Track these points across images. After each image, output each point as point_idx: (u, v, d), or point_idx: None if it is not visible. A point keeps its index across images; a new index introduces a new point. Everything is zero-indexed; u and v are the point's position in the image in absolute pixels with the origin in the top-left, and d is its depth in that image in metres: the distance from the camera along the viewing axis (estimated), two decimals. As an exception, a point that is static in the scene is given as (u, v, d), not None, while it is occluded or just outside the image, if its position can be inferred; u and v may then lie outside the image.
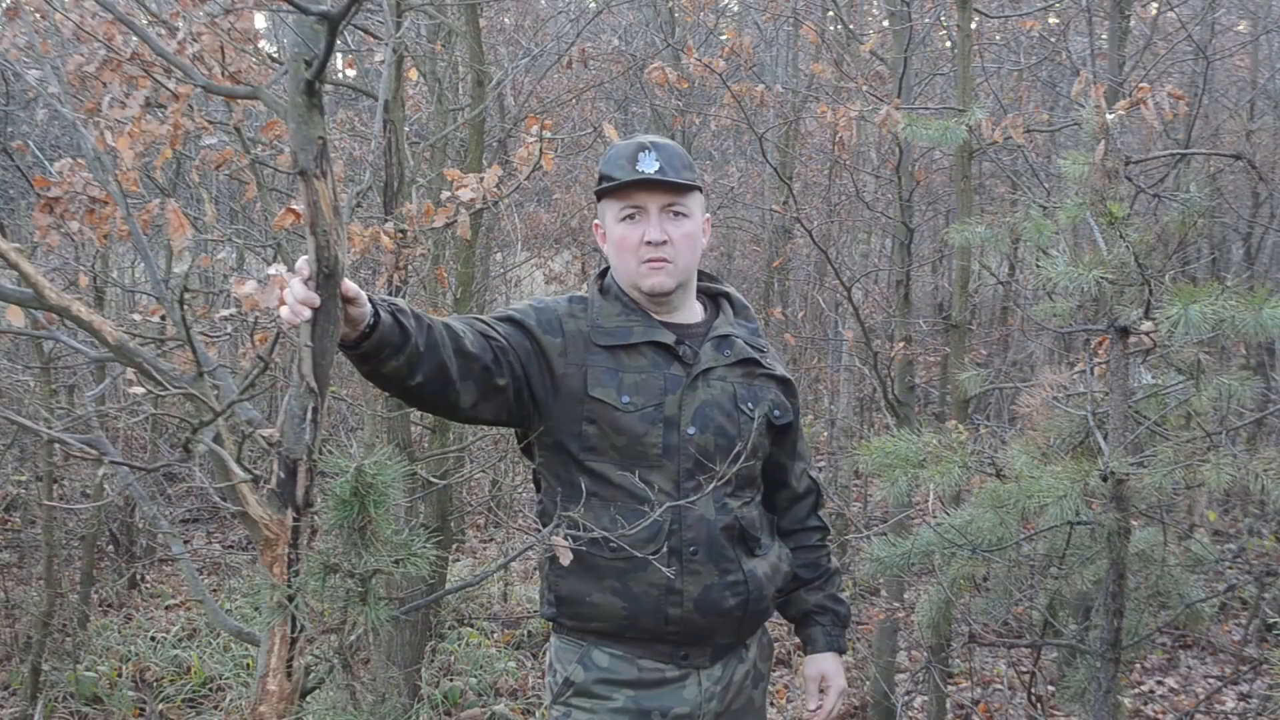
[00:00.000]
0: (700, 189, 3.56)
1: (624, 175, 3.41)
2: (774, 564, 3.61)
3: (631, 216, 3.44)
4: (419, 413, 7.50)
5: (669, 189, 3.43)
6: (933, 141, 4.80)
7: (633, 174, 3.40)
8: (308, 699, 3.06)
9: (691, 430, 3.39)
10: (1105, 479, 3.68)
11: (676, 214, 3.45)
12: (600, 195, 3.51)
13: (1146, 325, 3.68)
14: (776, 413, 3.59)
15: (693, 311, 3.59)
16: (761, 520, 3.61)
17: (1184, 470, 3.70)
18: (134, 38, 3.94)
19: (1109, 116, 3.95)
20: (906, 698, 7.01)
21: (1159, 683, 7.87)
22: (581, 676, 3.44)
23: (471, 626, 8.73)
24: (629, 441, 3.35)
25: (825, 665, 3.79)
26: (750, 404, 3.50)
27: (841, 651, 3.82)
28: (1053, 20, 9.41)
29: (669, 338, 3.44)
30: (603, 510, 3.32)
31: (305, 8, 2.49)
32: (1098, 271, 3.68)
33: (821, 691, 3.79)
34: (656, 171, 3.39)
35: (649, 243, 3.41)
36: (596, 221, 3.59)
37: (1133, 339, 3.81)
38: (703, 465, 3.36)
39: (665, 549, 3.34)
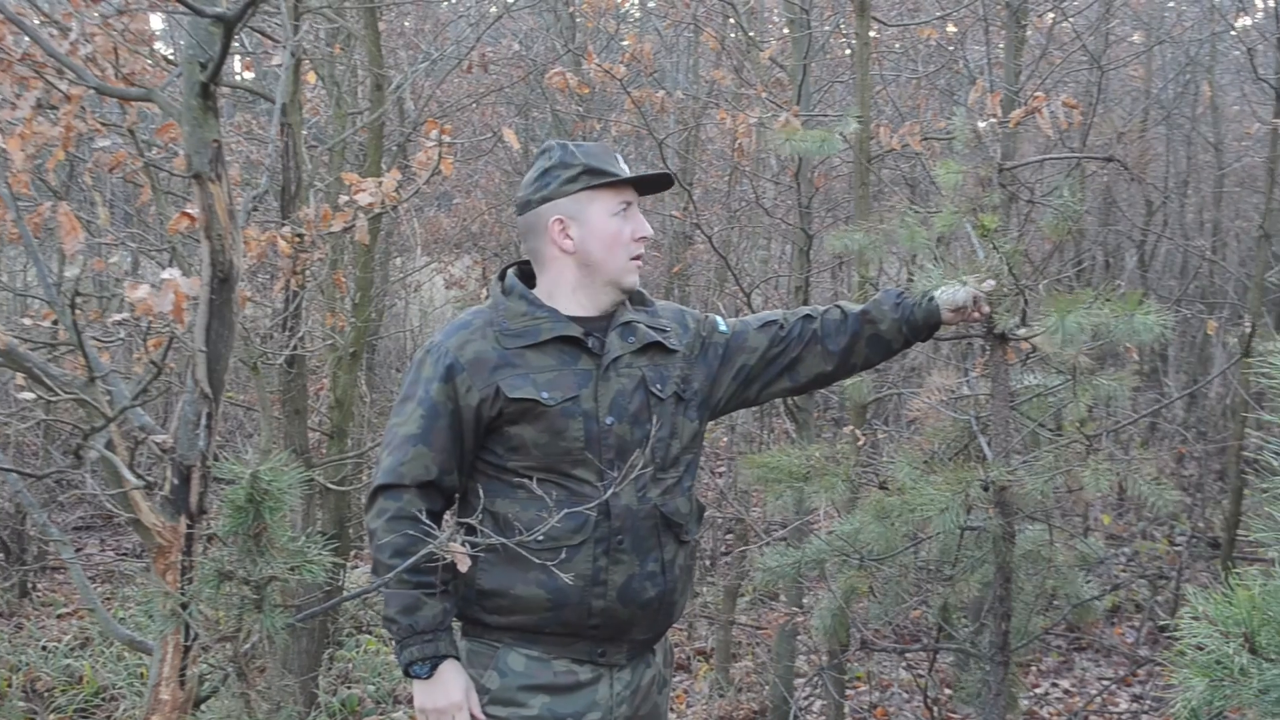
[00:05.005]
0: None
1: (619, 171, 3.48)
2: (689, 555, 3.66)
3: (623, 212, 3.50)
4: (316, 418, 7.45)
5: (639, 192, 3.57)
6: (810, 153, 4.83)
7: (625, 172, 3.50)
8: (201, 708, 3.03)
9: (610, 420, 3.42)
10: (986, 489, 3.72)
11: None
12: (585, 188, 3.49)
13: (1023, 332, 3.73)
14: (682, 387, 3.60)
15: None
16: (690, 507, 3.62)
17: (1064, 475, 3.75)
18: (25, 38, 3.89)
19: (981, 125, 4.00)
20: (805, 702, 7.04)
21: (1054, 684, 7.95)
22: (497, 683, 3.43)
23: (370, 633, 8.67)
24: (551, 438, 3.39)
25: (944, 297, 3.74)
26: (659, 385, 3.53)
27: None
28: (951, 29, 9.47)
29: (577, 330, 3.46)
30: (530, 503, 3.35)
31: (200, 9, 2.47)
32: (972, 280, 3.73)
33: (970, 306, 3.74)
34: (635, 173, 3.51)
35: (641, 239, 3.52)
36: (559, 216, 3.49)
37: (1011, 344, 3.86)
38: (624, 454, 3.39)
39: (592, 539, 3.38)
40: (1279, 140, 8.10)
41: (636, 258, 3.52)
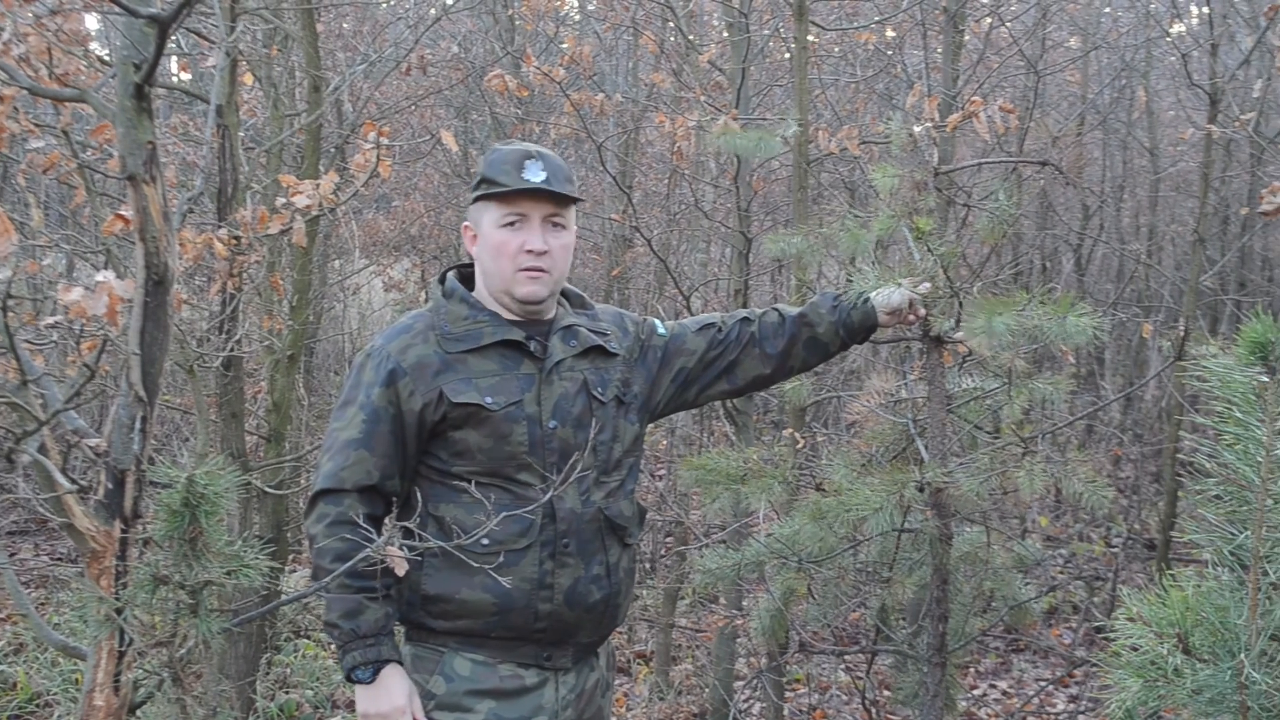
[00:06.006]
0: (580, 201, 3.62)
1: (511, 182, 3.43)
2: (632, 558, 3.66)
3: (513, 224, 3.46)
4: (254, 421, 7.40)
5: (554, 200, 3.48)
6: (748, 153, 4.84)
7: (520, 182, 3.43)
8: (137, 714, 3.00)
9: (553, 424, 3.44)
10: (922, 489, 3.74)
11: (556, 225, 3.51)
12: (479, 198, 3.51)
13: (959, 334, 3.75)
14: (623, 390, 3.62)
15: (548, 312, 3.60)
16: (633, 510, 3.63)
17: (1001, 477, 3.78)
18: (-43, 38, 3.85)
19: (917, 128, 4.03)
20: (744, 704, 7.05)
21: (992, 686, 7.99)
22: (443, 688, 3.44)
23: (308, 638, 8.61)
24: (496, 442, 3.39)
25: (880, 299, 3.77)
26: (601, 389, 3.55)
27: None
28: (889, 34, 9.53)
29: (519, 334, 3.48)
30: (474, 507, 3.32)
31: (134, 9, 2.45)
32: (908, 283, 3.75)
33: (906, 308, 3.79)
34: (543, 182, 3.44)
35: (530, 251, 3.45)
36: (467, 223, 3.59)
37: (948, 346, 3.88)
38: (567, 458, 3.39)
39: (538, 543, 3.39)
40: (1213, 145, 8.18)
41: (529, 269, 3.46)
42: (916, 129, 4.08)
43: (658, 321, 3.80)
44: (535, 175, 3.43)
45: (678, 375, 3.76)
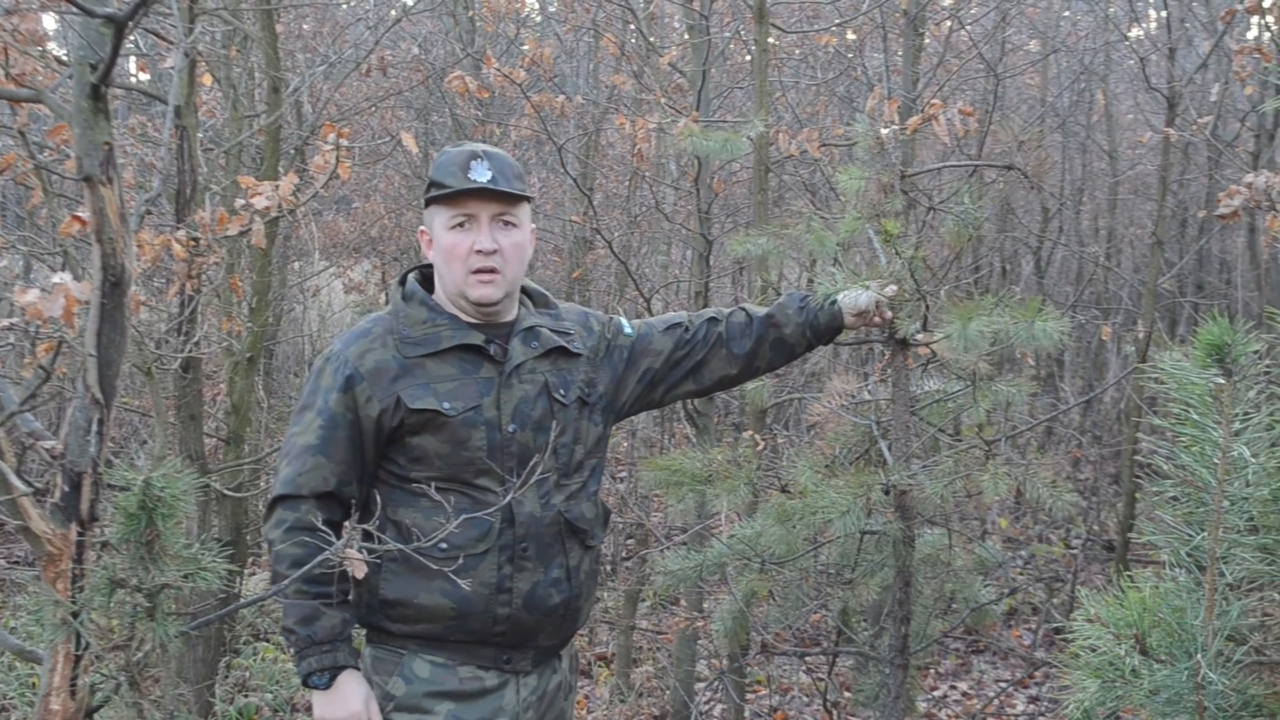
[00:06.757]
0: (530, 199, 3.58)
1: (456, 183, 3.41)
2: (594, 560, 3.66)
3: (462, 225, 3.44)
4: (213, 424, 7.37)
5: (501, 199, 3.45)
6: (714, 153, 4.84)
7: (465, 183, 3.41)
8: (94, 718, 2.98)
9: (512, 428, 3.42)
10: (887, 492, 3.75)
11: (507, 223, 3.48)
12: (429, 202, 3.49)
13: (923, 337, 3.76)
14: (586, 391, 3.60)
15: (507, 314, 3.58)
16: (595, 512, 3.62)
17: (963, 479, 3.79)
18: (-88, 37, 3.82)
19: (884, 131, 4.04)
20: (705, 706, 7.06)
21: (952, 687, 8.02)
22: (403, 690, 3.43)
23: (268, 641, 8.58)
24: (454, 448, 3.38)
25: (847, 301, 3.78)
26: (563, 390, 3.53)
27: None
28: (850, 36, 9.54)
29: (478, 338, 3.46)
30: (433, 512, 3.31)
31: (90, 10, 2.43)
32: (875, 285, 3.75)
33: (872, 311, 3.80)
34: (489, 181, 3.41)
35: (479, 252, 3.42)
36: (422, 228, 3.58)
37: (912, 349, 3.89)
38: (526, 462, 3.37)
39: (496, 547, 3.38)
40: (1171, 148, 8.23)
41: (480, 271, 3.44)
42: (884, 131, 4.08)
43: (624, 320, 3.79)
44: (481, 175, 3.41)
45: (644, 375, 3.75)
